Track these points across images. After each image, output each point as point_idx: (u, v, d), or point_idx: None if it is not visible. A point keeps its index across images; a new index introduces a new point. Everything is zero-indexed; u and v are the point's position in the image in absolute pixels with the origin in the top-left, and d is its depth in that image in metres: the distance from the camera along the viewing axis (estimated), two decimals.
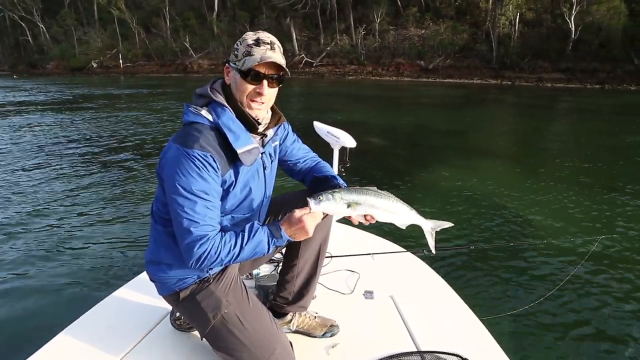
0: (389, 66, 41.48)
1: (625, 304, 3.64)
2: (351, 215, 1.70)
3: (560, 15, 35.91)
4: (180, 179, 1.49)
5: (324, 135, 2.98)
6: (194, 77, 43.74)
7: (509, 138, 12.40)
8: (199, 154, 1.49)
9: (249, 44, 1.58)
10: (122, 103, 20.46)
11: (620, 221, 5.51)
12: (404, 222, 1.80)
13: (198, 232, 1.49)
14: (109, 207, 6.06)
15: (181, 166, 1.49)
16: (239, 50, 1.60)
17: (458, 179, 7.34)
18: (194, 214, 1.49)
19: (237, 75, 1.60)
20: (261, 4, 48.98)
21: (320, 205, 1.62)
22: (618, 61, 33.13)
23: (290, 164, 2.01)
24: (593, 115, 17.12)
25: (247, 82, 1.59)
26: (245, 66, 1.56)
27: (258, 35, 1.60)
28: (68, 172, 7.92)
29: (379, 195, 1.71)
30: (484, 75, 37.18)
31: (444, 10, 43.20)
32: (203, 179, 1.50)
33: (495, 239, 4.91)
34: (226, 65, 1.65)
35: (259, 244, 1.58)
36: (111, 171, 7.99)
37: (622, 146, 10.65)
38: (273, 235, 1.59)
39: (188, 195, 1.49)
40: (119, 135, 11.85)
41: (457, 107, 19.84)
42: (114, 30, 52.83)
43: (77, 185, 7.12)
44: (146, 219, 5.45)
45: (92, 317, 2.22)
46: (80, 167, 8.33)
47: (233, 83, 1.63)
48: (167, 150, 1.57)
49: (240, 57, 1.58)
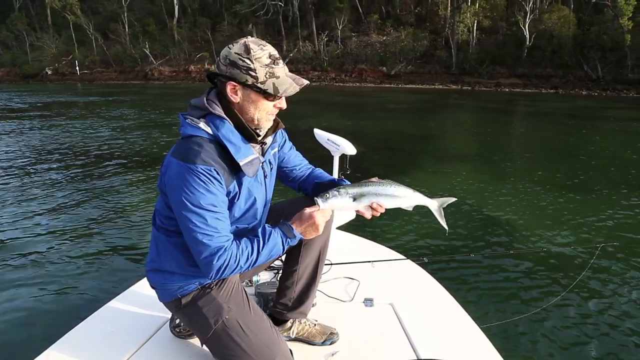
0: (351, 72, 41.90)
1: (627, 314, 3.61)
2: (358, 208, 1.74)
3: (515, 23, 37.36)
4: (188, 196, 1.48)
5: (324, 142, 2.97)
6: (155, 84, 42.70)
7: (482, 142, 12.67)
8: (202, 168, 1.48)
9: (267, 64, 1.54)
10: (81, 111, 19.76)
11: (621, 228, 5.51)
12: (410, 204, 1.83)
13: (214, 245, 1.50)
14: (107, 214, 6.01)
15: (186, 182, 1.48)
16: (257, 72, 1.53)
17: (442, 184, 7.33)
18: (206, 228, 1.49)
19: (258, 95, 1.57)
20: (222, 10, 48.57)
21: (328, 202, 1.66)
22: (569, 67, 34.81)
23: (287, 171, 2.01)
24: (552, 118, 17.81)
25: (269, 100, 1.59)
26: (281, 93, 1.57)
27: (268, 51, 1.56)
28: (47, 182, 7.63)
29: (382, 184, 1.76)
30: (445, 80, 38.15)
31: (404, 18, 44.15)
32: (210, 193, 1.50)
33: (494, 247, 4.89)
34: (230, 83, 1.56)
35: (274, 246, 1.60)
36: (96, 179, 7.77)
37: (596, 151, 11.04)
38: (286, 236, 1.61)
39: (198, 210, 1.49)
40: (98, 142, 11.50)
41: (423, 112, 20.22)
42: (70, 36, 50.86)
43: (70, 193, 6.97)
44: (145, 225, 5.42)
45: (92, 324, 2.21)
46: (67, 174, 8.04)
47: (247, 102, 1.59)
48: (167, 165, 1.56)
49: (264, 79, 1.54)
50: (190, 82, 43.28)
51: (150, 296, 1.86)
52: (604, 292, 3.95)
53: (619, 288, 4.00)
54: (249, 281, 2.48)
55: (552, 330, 3.36)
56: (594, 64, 34.12)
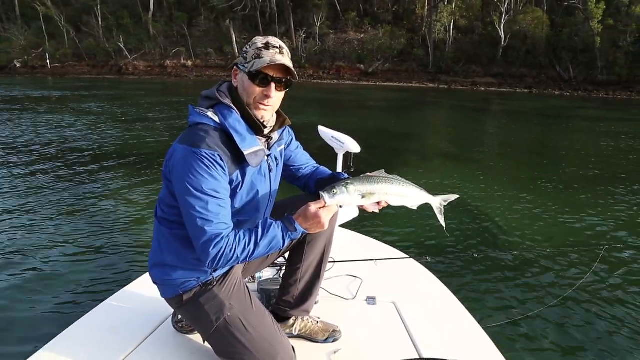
0: (329, 69, 42.01)
1: (629, 315, 3.60)
2: (364, 204, 1.71)
3: (490, 23, 38.12)
4: (190, 179, 1.49)
5: (328, 139, 2.95)
6: (130, 78, 41.81)
7: (467, 140, 12.77)
8: (206, 153, 1.50)
9: (258, 47, 1.60)
10: (54, 105, 19.15)
11: (627, 230, 5.51)
12: (415, 203, 1.82)
13: (212, 231, 1.49)
14: (113, 207, 5.97)
15: (190, 166, 1.50)
16: (248, 54, 1.62)
17: (433, 182, 7.31)
18: (207, 213, 1.49)
19: (246, 77, 1.62)
20: (199, 5, 47.94)
21: (335, 198, 1.61)
22: (543, 67, 35.78)
23: (294, 170, 2.02)
24: (528, 118, 18.26)
25: (256, 84, 1.61)
26: (254, 68, 1.58)
27: (268, 40, 1.63)
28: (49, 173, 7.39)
29: (391, 182, 1.72)
30: (422, 79, 38.63)
31: (382, 16, 44.52)
32: (213, 178, 1.51)
33: (497, 247, 4.88)
34: (234, 68, 1.67)
35: (274, 238, 1.57)
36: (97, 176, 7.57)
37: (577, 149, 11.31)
38: (287, 229, 1.59)
39: (199, 194, 1.49)
40: (87, 139, 11.13)
41: (403, 110, 20.37)
42: (40, 28, 49.24)
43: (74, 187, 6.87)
44: (149, 220, 5.37)
45: (94, 318, 2.20)
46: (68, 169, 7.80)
47: (241, 86, 1.66)
48: (173, 151, 1.57)
49: (250, 60, 1.60)
50: (165, 78, 42.61)
51: (153, 291, 1.83)
52: (606, 293, 3.93)
53: (622, 290, 3.99)
54: (251, 277, 2.46)
55: (554, 330, 3.34)
56: (565, 65, 35.10)
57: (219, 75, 43.42)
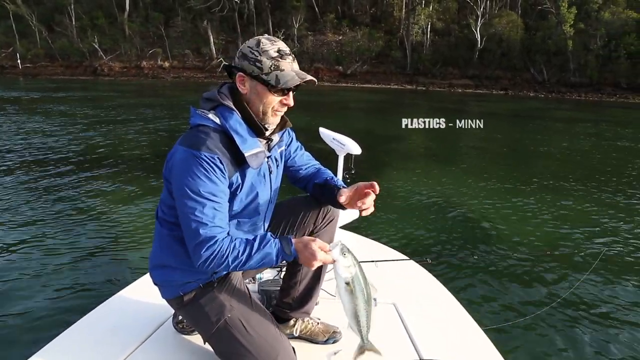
0: (308, 71, 40.82)
1: (629, 316, 3.63)
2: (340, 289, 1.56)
3: (467, 26, 38.73)
4: (188, 182, 1.49)
5: (329, 141, 2.94)
6: (105, 80, 41.06)
7: (451, 141, 12.87)
8: (206, 155, 1.50)
9: (273, 57, 1.56)
10: (27, 106, 18.65)
11: (625, 229, 5.58)
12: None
13: (206, 234, 1.49)
14: (113, 208, 5.95)
15: (189, 168, 1.49)
16: (262, 63, 1.55)
17: (426, 187, 7.26)
18: (202, 216, 1.49)
19: (264, 88, 1.58)
20: (176, 5, 47.36)
21: (340, 258, 1.53)
22: (518, 70, 36.58)
23: (294, 171, 1.99)
24: (507, 119, 18.63)
25: (275, 94, 1.60)
26: (283, 85, 1.56)
27: (278, 46, 1.58)
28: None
29: (367, 302, 1.59)
30: (400, 80, 39.01)
31: (360, 18, 44.80)
32: (211, 181, 1.50)
33: (497, 249, 4.91)
34: (239, 74, 1.60)
35: (267, 255, 1.55)
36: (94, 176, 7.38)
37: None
38: (283, 251, 1.55)
39: (196, 197, 1.49)
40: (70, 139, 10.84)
41: (383, 112, 20.53)
42: (9, 27, 47.79)
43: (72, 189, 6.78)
44: (149, 221, 5.36)
45: (95, 318, 2.20)
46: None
47: (254, 94, 1.61)
48: (174, 152, 1.57)
49: (268, 71, 1.55)
50: (142, 79, 41.95)
51: (154, 291, 1.82)
52: (605, 295, 3.96)
53: (621, 291, 4.02)
54: (252, 279, 2.45)
55: (554, 332, 3.36)
56: (539, 67, 35.95)
57: (196, 76, 43.02)
